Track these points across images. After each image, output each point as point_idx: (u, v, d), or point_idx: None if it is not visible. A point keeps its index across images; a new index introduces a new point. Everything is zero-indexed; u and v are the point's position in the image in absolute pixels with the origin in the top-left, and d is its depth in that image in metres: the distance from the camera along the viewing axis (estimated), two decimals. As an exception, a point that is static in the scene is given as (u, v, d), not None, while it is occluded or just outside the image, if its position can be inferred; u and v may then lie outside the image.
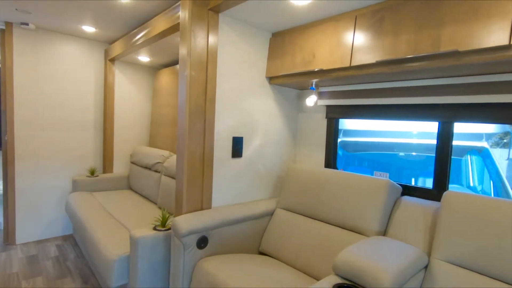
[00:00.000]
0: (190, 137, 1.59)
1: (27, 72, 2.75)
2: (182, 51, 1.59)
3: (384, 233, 1.46)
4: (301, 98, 2.20)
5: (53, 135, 2.92)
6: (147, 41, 2.31)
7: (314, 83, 1.84)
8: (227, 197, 1.81)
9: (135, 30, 2.47)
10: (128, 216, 2.31)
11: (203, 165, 1.66)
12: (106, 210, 2.45)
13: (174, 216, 1.68)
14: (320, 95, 1.98)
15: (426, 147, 2.54)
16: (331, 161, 2.03)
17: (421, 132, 2.55)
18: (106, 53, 3.12)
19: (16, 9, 2.31)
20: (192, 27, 1.54)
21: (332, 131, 2.01)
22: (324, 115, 2.04)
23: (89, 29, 2.71)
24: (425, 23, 1.21)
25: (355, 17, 1.47)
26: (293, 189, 1.84)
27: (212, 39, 1.62)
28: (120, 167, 3.31)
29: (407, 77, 1.48)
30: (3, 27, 2.64)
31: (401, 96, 1.58)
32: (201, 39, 1.58)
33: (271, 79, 1.96)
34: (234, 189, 1.84)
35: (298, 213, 1.79)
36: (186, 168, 1.59)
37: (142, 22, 2.45)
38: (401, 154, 2.76)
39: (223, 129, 1.74)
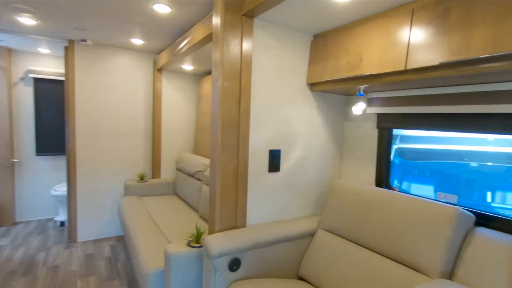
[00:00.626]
0: (223, 151, 1.50)
1: (86, 84, 2.99)
2: (215, 60, 1.52)
3: (450, 274, 1.19)
4: (347, 104, 1.97)
5: (108, 143, 3.13)
6: (188, 50, 2.31)
7: (362, 89, 1.61)
8: (263, 215, 1.68)
9: (178, 40, 2.50)
10: (170, 225, 2.34)
11: (237, 181, 1.57)
12: (151, 217, 2.53)
13: (208, 233, 1.61)
14: (370, 102, 1.74)
15: (508, 156, 2.09)
16: (383, 178, 1.77)
17: (500, 139, 2.11)
18: (154, 63, 3.25)
19: (75, 28, 2.51)
20: (225, 35, 1.45)
21: (384, 143, 1.75)
22: (375, 124, 1.79)
23: (137, 41, 2.83)
24: (510, 12, 0.93)
25: (412, 11, 1.22)
26: (337, 209, 1.63)
27: (246, 45, 1.51)
28: (167, 173, 3.43)
29: (482, 80, 1.18)
30: (67, 45, 2.90)
31: (473, 103, 1.28)
32: (234, 47, 1.48)
33: (312, 85, 1.78)
34: (271, 206, 1.71)
35: (343, 237, 1.58)
36: (218, 184, 1.51)
37: (184, 31, 2.47)
38: (473, 164, 2.32)
39: (259, 142, 1.62)
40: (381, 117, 1.75)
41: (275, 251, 1.58)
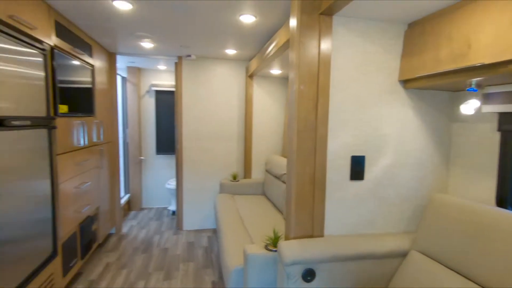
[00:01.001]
0: (299, 156, 1.46)
1: (190, 93, 3.43)
2: (291, 63, 1.49)
3: None
4: (455, 103, 1.62)
5: (208, 145, 3.51)
6: (275, 54, 2.36)
7: (474, 83, 1.29)
8: (343, 226, 1.56)
9: (266, 45, 2.59)
10: (255, 224, 2.44)
11: (314, 188, 1.50)
12: (239, 215, 2.69)
13: (285, 239, 1.60)
14: (487, 98, 1.38)
15: None
16: (507, 196, 1.37)
17: None
18: (246, 70, 3.46)
19: (181, 46, 2.92)
20: (301, 38, 1.41)
21: (510, 150, 1.35)
22: (495, 125, 1.41)
23: (231, 51, 3.07)
24: None
25: (548, -26, 0.90)
26: (439, 229, 1.36)
27: (324, 45, 1.43)
28: (257, 174, 3.59)
29: None
30: (176, 61, 3.41)
31: None
32: (311, 48, 1.42)
33: (406, 82, 1.54)
34: (352, 217, 1.56)
35: (444, 264, 1.30)
36: (294, 190, 1.48)
37: (270, 37, 2.53)
38: None
39: (338, 147, 1.51)
40: (504, 116, 1.36)
41: (356, 268, 1.44)
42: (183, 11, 1.97)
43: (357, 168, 1.54)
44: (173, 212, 4.13)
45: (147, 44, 2.87)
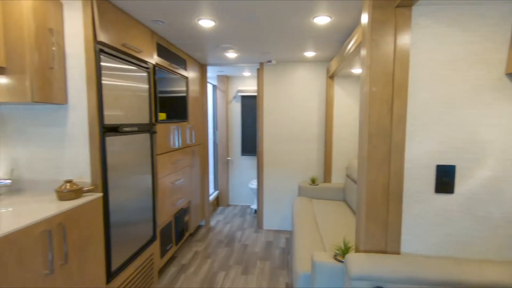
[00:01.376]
0: (370, 163, 1.35)
1: (271, 97, 3.55)
2: (362, 64, 1.39)
3: None
4: None
5: (287, 147, 3.56)
6: (354, 51, 2.23)
7: None
8: (425, 245, 1.36)
9: (345, 44, 2.47)
10: (330, 231, 2.36)
11: (388, 198, 1.36)
12: (315, 220, 2.64)
13: (355, 250, 1.51)
14: None
15: None
16: None
17: None
18: (327, 70, 3.36)
19: (261, 52, 3.06)
20: (373, 35, 1.30)
21: None
22: None
23: (309, 54, 3.04)
24: None
25: None
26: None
27: (401, 41, 1.29)
28: (338, 178, 3.44)
29: None
30: (258, 67, 3.58)
31: None
32: (385, 45, 1.30)
33: (516, 75, 1.23)
34: (437, 236, 1.35)
35: None
36: (364, 200, 1.38)
37: (349, 35, 2.41)
38: None
39: (419, 155, 1.33)
40: None
41: (441, 296, 1.24)
42: (258, 21, 2.07)
43: (445, 179, 1.32)
44: (255, 211, 4.34)
45: (231, 54, 3.12)
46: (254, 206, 4.33)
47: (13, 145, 1.73)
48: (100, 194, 1.68)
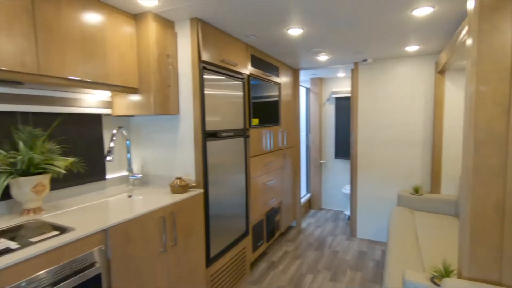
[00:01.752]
0: (476, 176, 1.15)
1: (366, 98, 3.34)
2: (467, 59, 1.19)
3: None
4: None
5: (385, 151, 3.27)
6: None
7: None
8: None
9: (457, 32, 2.12)
10: (432, 249, 2.06)
11: (503, 219, 1.12)
12: (415, 234, 2.35)
13: (457, 275, 1.30)
14: None
15: None
16: None
17: None
18: (436, 65, 2.92)
19: (355, 52, 2.93)
20: (481, 24, 1.10)
21: None
22: None
23: (412, 48, 2.72)
24: None
25: None
26: None
27: (523, 28, 1.05)
28: (449, 189, 2.95)
29: None
30: (353, 67, 3.42)
31: None
32: (499, 37, 1.08)
33: None
34: None
35: None
36: (468, 218, 1.18)
37: (460, 23, 2.05)
38: None
39: (552, 168, 1.04)
40: None
41: None
42: (347, 23, 2.01)
43: None
44: (348, 217, 4.15)
45: (322, 57, 3.09)
46: (348, 212, 4.14)
47: (143, 147, 2.21)
48: (201, 190, 1.98)
